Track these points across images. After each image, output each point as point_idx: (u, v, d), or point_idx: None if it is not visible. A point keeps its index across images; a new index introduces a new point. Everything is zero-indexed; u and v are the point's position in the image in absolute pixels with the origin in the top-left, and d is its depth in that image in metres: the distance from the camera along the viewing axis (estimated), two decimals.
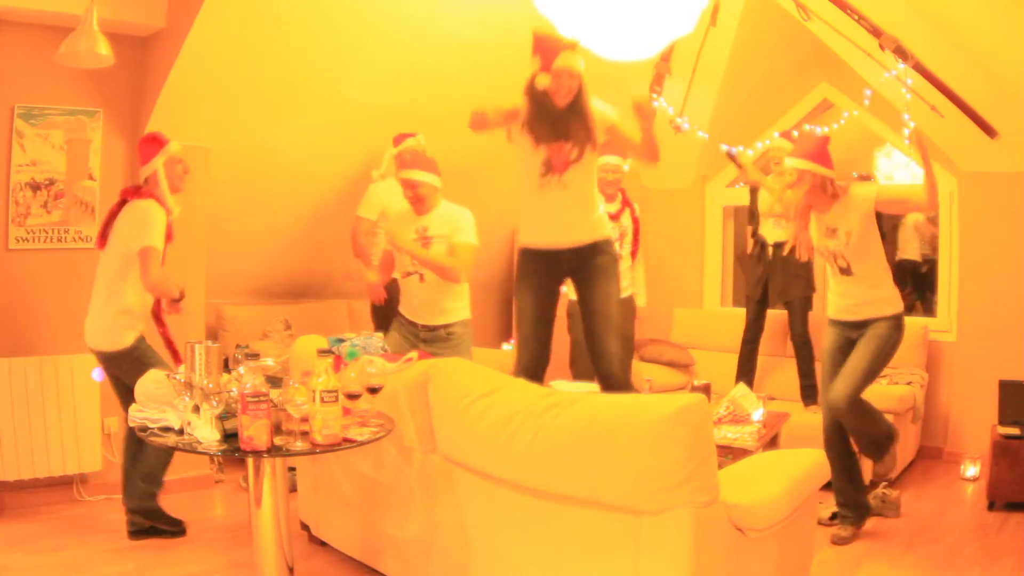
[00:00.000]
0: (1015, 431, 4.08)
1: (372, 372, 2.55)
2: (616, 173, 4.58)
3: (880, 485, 3.95)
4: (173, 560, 3.29)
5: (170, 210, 3.41)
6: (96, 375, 3.88)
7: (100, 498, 3.99)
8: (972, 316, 4.92)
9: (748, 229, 5.14)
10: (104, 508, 3.90)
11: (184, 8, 3.70)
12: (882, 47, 4.13)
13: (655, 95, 5.26)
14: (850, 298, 3.50)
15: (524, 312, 3.33)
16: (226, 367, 2.83)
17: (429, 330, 3.83)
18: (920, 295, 6.57)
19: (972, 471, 4.57)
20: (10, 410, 3.76)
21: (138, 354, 3.38)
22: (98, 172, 4.08)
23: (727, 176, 6.06)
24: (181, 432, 2.24)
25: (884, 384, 4.52)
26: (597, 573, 2.18)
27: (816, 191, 3.40)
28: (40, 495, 3.88)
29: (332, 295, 5.53)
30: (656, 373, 5.07)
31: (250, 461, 2.27)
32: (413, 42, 4.29)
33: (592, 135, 3.15)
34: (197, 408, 2.19)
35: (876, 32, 4.10)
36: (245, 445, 2.08)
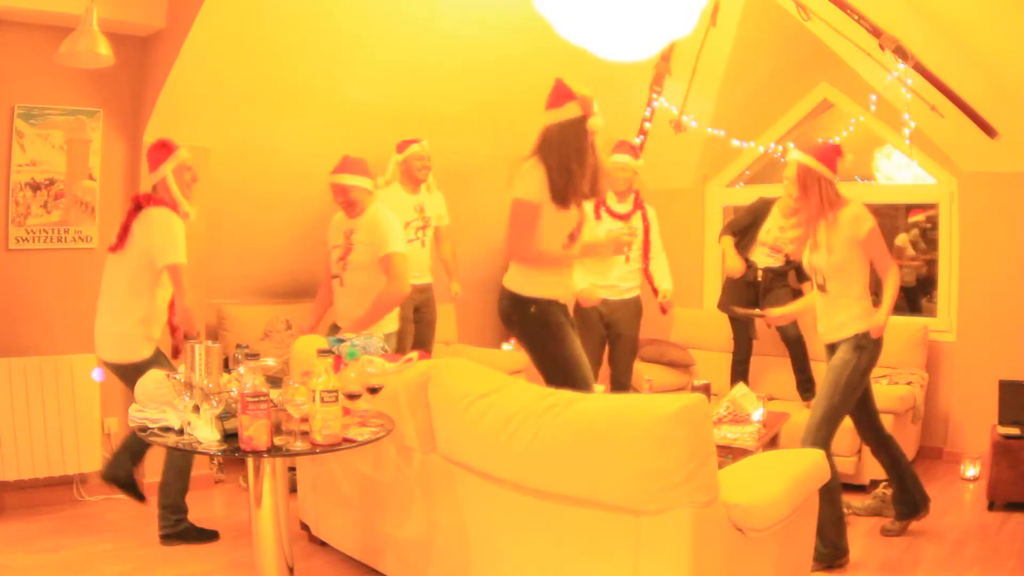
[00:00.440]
0: (1015, 431, 4.08)
1: (372, 372, 2.56)
2: (626, 171, 4.49)
3: (880, 485, 3.95)
4: (173, 560, 3.29)
5: (186, 214, 3.38)
6: (96, 375, 3.89)
7: (100, 498, 3.99)
8: (972, 316, 4.92)
9: (731, 239, 5.01)
10: (104, 508, 3.90)
11: (184, 8, 3.70)
12: (882, 47, 4.14)
13: (655, 95, 5.27)
14: (823, 320, 3.38)
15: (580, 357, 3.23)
16: (226, 367, 2.83)
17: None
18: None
19: (972, 471, 4.57)
20: (10, 410, 3.76)
21: (157, 361, 3.32)
22: (98, 172, 4.08)
23: (727, 176, 6.06)
24: (181, 432, 2.24)
25: (884, 384, 4.53)
26: (597, 573, 2.18)
27: (811, 195, 3.25)
28: (40, 495, 3.88)
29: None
30: (656, 373, 5.07)
31: (250, 461, 2.28)
32: (413, 42, 4.29)
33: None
34: (197, 408, 2.20)
35: (876, 32, 4.10)
36: (245, 445, 2.08)
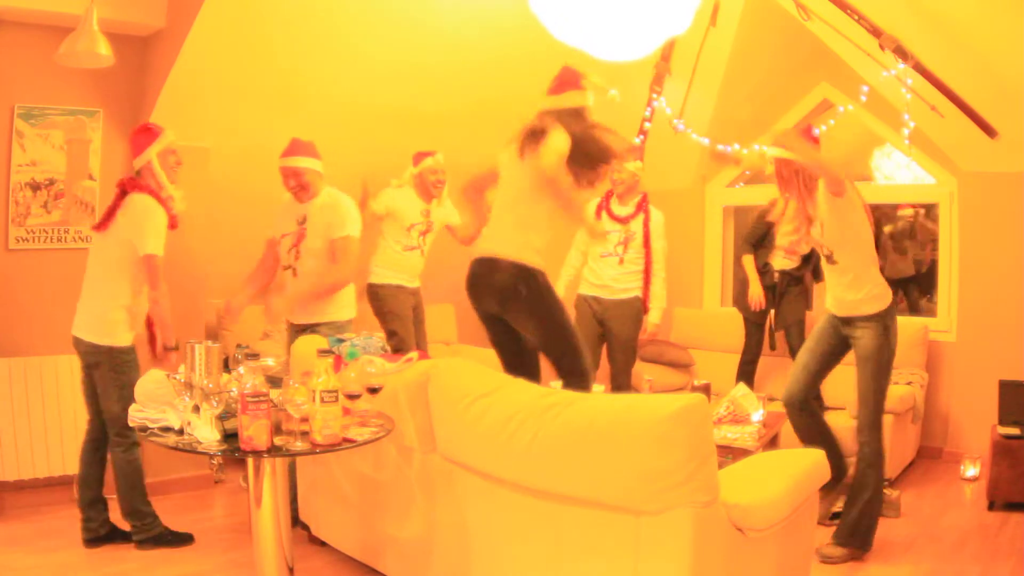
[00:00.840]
0: (1015, 431, 4.08)
1: (372, 372, 2.56)
2: (623, 173, 4.47)
3: (884, 484, 3.95)
4: (173, 560, 3.29)
5: (171, 197, 3.33)
6: None
7: None
8: (972, 316, 4.92)
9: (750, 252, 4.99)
10: None
11: (184, 8, 3.70)
12: (882, 47, 4.13)
13: (655, 95, 5.26)
14: (833, 290, 3.44)
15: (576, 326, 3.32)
16: (226, 367, 2.83)
17: (299, 329, 3.64)
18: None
19: (972, 471, 4.57)
20: (10, 410, 3.76)
21: (127, 359, 3.30)
22: (98, 172, 4.08)
23: (727, 176, 6.06)
24: (181, 432, 2.24)
25: None
26: (597, 573, 2.18)
27: (791, 184, 3.33)
28: (40, 495, 3.88)
29: None
30: (656, 373, 5.07)
31: (250, 461, 2.28)
32: (413, 42, 4.28)
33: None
34: (197, 408, 2.20)
35: (876, 32, 4.10)
36: (245, 445, 2.08)
